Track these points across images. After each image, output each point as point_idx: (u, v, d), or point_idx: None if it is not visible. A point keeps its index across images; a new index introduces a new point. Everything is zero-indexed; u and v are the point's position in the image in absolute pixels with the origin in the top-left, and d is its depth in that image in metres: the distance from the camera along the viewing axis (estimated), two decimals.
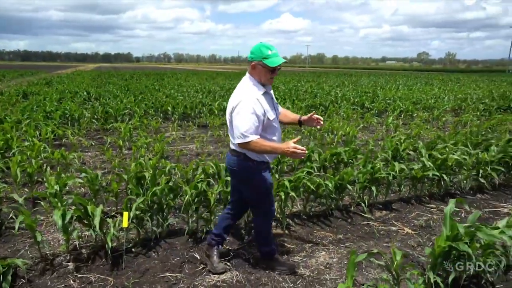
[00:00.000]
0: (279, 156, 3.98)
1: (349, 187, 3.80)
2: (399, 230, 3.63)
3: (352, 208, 4.06)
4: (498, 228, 2.55)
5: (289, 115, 2.88)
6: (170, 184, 3.37)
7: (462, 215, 4.02)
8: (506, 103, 12.66)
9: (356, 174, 3.89)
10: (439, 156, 4.64)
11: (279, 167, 4.66)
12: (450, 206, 2.68)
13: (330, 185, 3.57)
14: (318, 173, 3.97)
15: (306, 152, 2.35)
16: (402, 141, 5.20)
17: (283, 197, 3.46)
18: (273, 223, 3.65)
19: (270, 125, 2.52)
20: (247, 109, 2.37)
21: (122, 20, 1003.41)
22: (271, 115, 2.50)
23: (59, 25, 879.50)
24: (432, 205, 4.27)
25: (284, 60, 2.48)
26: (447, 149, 5.08)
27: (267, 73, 2.47)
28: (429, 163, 4.30)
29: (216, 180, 4.12)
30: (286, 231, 3.53)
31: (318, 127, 2.80)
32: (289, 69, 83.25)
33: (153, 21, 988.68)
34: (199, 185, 3.20)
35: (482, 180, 4.60)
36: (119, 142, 6.02)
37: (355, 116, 9.81)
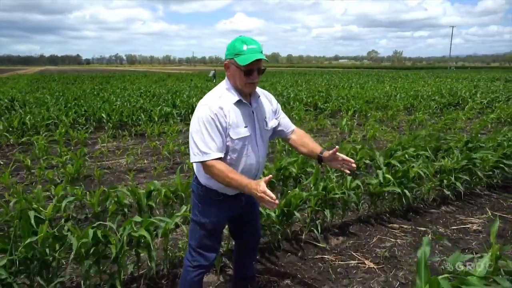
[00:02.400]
0: None
1: (297, 214, 3.09)
2: (360, 265, 2.98)
3: (303, 236, 3.37)
4: (486, 278, 1.93)
5: (308, 145, 2.11)
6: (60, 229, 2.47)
7: (429, 236, 3.46)
8: (455, 99, 12.77)
9: (306, 196, 3.20)
10: (399, 166, 4.09)
11: None
12: (424, 249, 2.03)
13: (273, 215, 2.85)
14: None
15: (277, 203, 1.66)
16: (358, 150, 4.61)
17: None
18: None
19: (233, 148, 1.88)
20: (203, 122, 1.81)
21: (69, 20, 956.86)
22: (238, 134, 1.87)
23: None
24: (395, 225, 3.68)
25: (261, 57, 1.79)
26: (406, 156, 4.57)
27: (242, 76, 1.83)
28: (389, 176, 3.72)
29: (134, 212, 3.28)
30: (221, 276, 2.77)
31: (347, 171, 2.01)
32: None
33: (103, 22, 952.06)
34: (90, 232, 2.33)
35: (446, 191, 4.10)
36: (26, 161, 4.94)
37: (308, 117, 9.26)
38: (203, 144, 1.80)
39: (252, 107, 1.96)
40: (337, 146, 1.99)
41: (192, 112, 9.71)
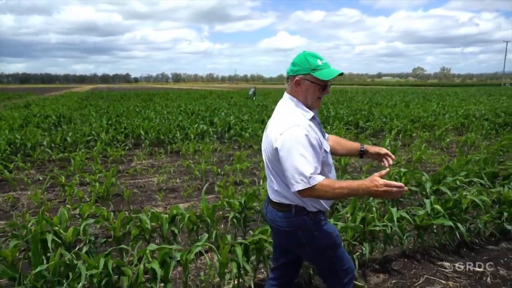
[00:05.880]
0: None
1: None
2: None
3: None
4: None
5: (345, 143, 2.21)
6: (68, 258, 2.33)
7: (488, 279, 2.97)
8: None
9: (342, 228, 2.86)
10: (449, 194, 3.64)
11: None
12: None
13: None
14: None
15: (406, 189, 1.63)
16: (402, 174, 4.19)
17: (234, 270, 2.42)
18: None
19: (326, 161, 1.87)
20: (302, 142, 1.69)
21: (121, 41, 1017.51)
22: (327, 146, 1.89)
23: (58, 47, 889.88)
24: (445, 263, 3.22)
25: (341, 72, 1.79)
26: (457, 183, 4.08)
27: (316, 91, 1.82)
28: (438, 206, 3.28)
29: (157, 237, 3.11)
30: None
31: (385, 163, 2.08)
32: (284, 87, 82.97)
33: (151, 42, 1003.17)
34: (102, 261, 2.15)
35: (507, 225, 3.57)
36: (61, 178, 4.99)
37: (348, 137, 8.82)
38: (307, 167, 1.67)
39: (318, 120, 1.94)
40: (388, 169, 1.82)
41: (228, 130, 9.65)
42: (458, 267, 3.14)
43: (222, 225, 3.96)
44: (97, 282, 2.25)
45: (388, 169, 1.76)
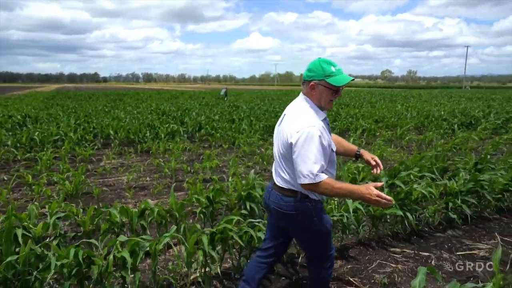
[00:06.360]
0: None
1: None
2: None
3: (299, 259, 3.24)
4: None
5: (344, 144, 2.45)
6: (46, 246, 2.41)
7: (433, 262, 3.29)
8: (468, 119, 12.50)
9: None
10: (403, 187, 3.95)
11: None
12: (420, 278, 1.90)
13: (263, 237, 2.73)
14: (252, 220, 3.12)
15: (393, 203, 1.94)
16: (360, 169, 4.49)
17: (201, 258, 2.59)
18: None
19: (331, 159, 2.12)
20: (315, 142, 1.92)
21: (89, 40, 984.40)
22: (334, 146, 2.14)
23: (20, 45, 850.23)
24: (397, 249, 3.52)
25: (352, 78, 2.03)
26: (411, 177, 4.42)
27: (329, 95, 2.04)
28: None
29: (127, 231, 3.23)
30: None
31: (374, 171, 2.32)
32: (257, 88, 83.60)
33: (121, 41, 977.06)
34: (72, 252, 2.26)
35: (452, 214, 3.92)
36: (28, 177, 4.96)
37: None
38: (315, 165, 1.90)
39: (327, 120, 2.15)
40: (383, 183, 2.36)
41: (199, 130, 9.76)
42: (408, 252, 3.45)
43: (191, 220, 4.11)
44: (67, 272, 2.35)
45: (383, 183, 2.14)
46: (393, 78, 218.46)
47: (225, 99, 25.14)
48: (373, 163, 2.32)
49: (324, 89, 2.02)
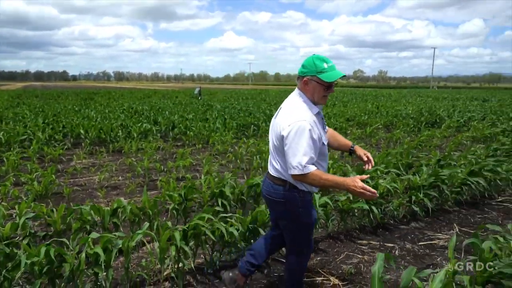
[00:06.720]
0: None
1: (262, 232, 3.07)
2: (325, 281, 2.96)
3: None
4: None
5: (339, 139, 2.57)
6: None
7: (396, 252, 3.48)
8: (433, 118, 13.05)
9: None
10: (369, 182, 4.12)
11: None
12: (378, 264, 2.04)
13: (235, 233, 2.82)
14: (225, 215, 3.20)
15: (377, 195, 2.06)
16: (329, 166, 4.64)
17: (173, 253, 2.64)
18: (169, 285, 2.83)
19: (322, 152, 2.22)
20: (305, 135, 2.03)
21: (57, 36, 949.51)
22: (325, 140, 2.24)
23: None
24: (364, 241, 3.69)
25: (344, 74, 2.11)
26: (378, 173, 4.62)
27: (321, 90, 2.13)
28: None
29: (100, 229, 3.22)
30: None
31: (366, 167, 2.45)
32: (231, 87, 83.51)
33: (91, 38, 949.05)
34: (43, 250, 2.27)
35: (415, 207, 4.14)
36: None
37: None
38: (304, 157, 2.02)
39: (321, 115, 2.27)
40: (369, 175, 2.40)
41: (173, 129, 9.70)
42: (374, 244, 3.63)
43: (164, 218, 4.13)
44: (38, 270, 2.34)
45: (368, 176, 2.27)
46: (365, 78, 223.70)
47: (199, 98, 25.01)
48: (365, 158, 2.44)
49: (316, 84, 2.10)
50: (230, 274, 2.74)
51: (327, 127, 2.45)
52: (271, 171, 2.31)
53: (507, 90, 61.20)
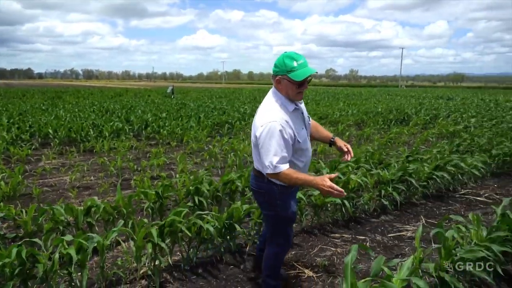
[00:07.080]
0: None
1: (238, 227, 3.12)
2: (300, 274, 3.05)
3: (247, 248, 3.40)
4: (406, 280, 2.06)
5: (321, 131, 2.63)
6: None
7: (368, 244, 3.62)
8: (402, 116, 13.51)
9: (248, 209, 3.24)
10: (341, 177, 4.26)
11: None
12: (352, 255, 2.13)
13: (211, 229, 2.86)
14: (201, 212, 3.23)
15: (344, 194, 2.10)
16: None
17: (150, 250, 2.65)
18: (145, 283, 2.83)
19: (299, 148, 2.25)
20: (276, 136, 2.08)
21: (20, 32, 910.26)
22: (302, 136, 2.25)
23: None
24: (336, 235, 3.81)
25: (314, 71, 2.13)
26: (349, 168, 4.77)
27: (294, 88, 2.16)
28: None
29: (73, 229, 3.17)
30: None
31: (344, 158, 2.51)
32: (204, 85, 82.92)
33: (58, 35, 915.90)
34: (14, 251, 2.22)
35: (384, 201, 4.32)
36: None
37: None
38: (275, 157, 2.08)
39: (301, 110, 2.31)
40: (337, 173, 2.57)
41: (146, 128, 9.57)
42: (346, 237, 3.76)
43: (139, 217, 4.10)
44: (9, 272, 2.29)
45: (337, 174, 2.40)
46: (336, 77, 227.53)
47: (172, 97, 24.71)
48: (345, 149, 2.51)
49: (288, 83, 2.14)
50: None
51: (310, 119, 2.52)
52: (254, 164, 2.40)
53: (469, 89, 64.09)
